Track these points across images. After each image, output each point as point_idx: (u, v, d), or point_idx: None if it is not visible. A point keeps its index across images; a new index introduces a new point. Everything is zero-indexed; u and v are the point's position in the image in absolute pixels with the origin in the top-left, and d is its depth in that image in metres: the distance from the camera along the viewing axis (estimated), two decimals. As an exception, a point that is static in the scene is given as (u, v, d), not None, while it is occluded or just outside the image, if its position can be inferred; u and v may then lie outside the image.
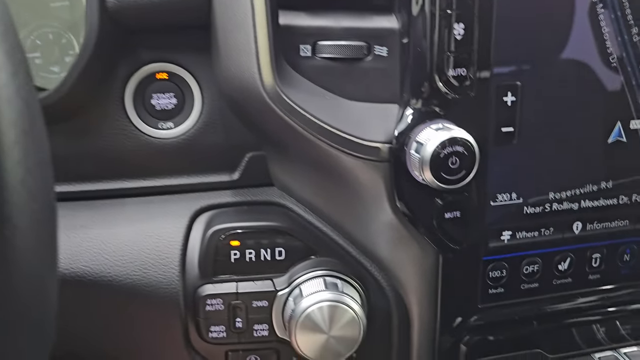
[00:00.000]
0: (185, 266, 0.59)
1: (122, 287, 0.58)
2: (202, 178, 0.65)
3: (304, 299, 0.56)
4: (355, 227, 0.60)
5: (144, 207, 0.63)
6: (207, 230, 0.60)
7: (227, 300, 0.59)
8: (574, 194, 0.59)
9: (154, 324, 0.59)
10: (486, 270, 0.59)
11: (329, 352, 0.57)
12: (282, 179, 0.64)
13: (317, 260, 0.60)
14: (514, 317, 0.61)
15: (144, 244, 0.59)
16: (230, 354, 0.61)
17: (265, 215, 0.62)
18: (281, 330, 0.60)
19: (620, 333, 0.66)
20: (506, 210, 0.58)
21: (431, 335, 0.61)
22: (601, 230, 0.62)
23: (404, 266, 0.59)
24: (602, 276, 0.63)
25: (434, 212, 0.56)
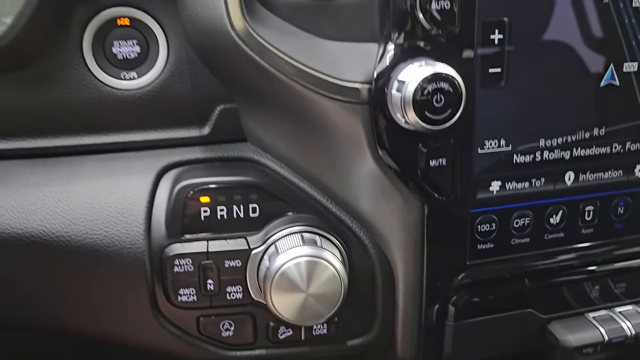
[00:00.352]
0: (151, 225, 0.55)
1: (82, 248, 0.53)
2: (170, 133, 0.60)
3: (280, 255, 0.52)
4: (334, 181, 0.56)
5: (105, 164, 0.58)
6: (175, 186, 0.55)
7: (197, 260, 0.54)
8: (565, 141, 0.56)
9: (118, 288, 0.55)
10: (474, 224, 0.56)
11: (308, 313, 0.53)
12: (255, 133, 0.60)
13: (294, 216, 0.56)
14: (504, 275, 0.58)
15: (105, 201, 0.55)
16: (201, 319, 0.56)
17: (238, 171, 0.57)
18: (256, 292, 0.56)
19: (615, 292, 0.63)
20: (495, 158, 0.54)
21: (417, 296, 0.57)
22: (594, 181, 0.58)
23: (387, 220, 0.55)
24: (595, 231, 0.60)
25: (418, 160, 0.52)
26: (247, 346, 0.58)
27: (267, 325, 0.57)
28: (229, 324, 0.57)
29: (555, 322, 0.61)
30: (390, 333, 0.59)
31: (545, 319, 0.61)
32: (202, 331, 0.57)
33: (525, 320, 0.60)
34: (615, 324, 0.61)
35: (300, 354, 0.59)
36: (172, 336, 0.57)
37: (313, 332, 0.58)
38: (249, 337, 0.57)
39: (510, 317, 0.59)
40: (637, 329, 0.61)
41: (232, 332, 0.57)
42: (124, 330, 0.57)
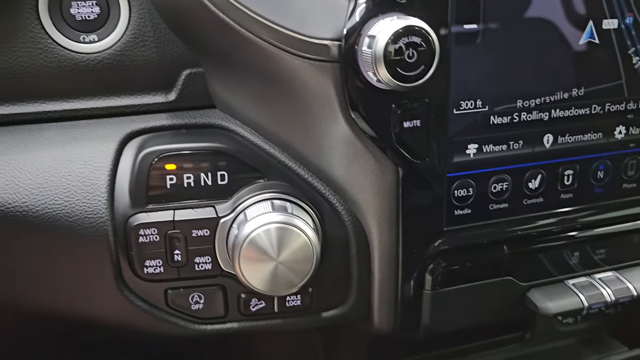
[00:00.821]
0: (114, 194, 0.52)
1: (40, 219, 0.51)
2: (134, 99, 0.57)
3: (249, 223, 0.50)
4: (305, 145, 0.54)
5: (66, 131, 0.55)
6: (139, 153, 0.53)
7: (163, 229, 0.52)
8: (543, 102, 0.54)
9: (80, 261, 0.52)
10: (451, 189, 0.54)
11: (279, 282, 0.51)
12: (223, 98, 0.57)
13: (264, 183, 0.54)
14: (483, 241, 0.56)
15: (65, 170, 0.52)
16: (169, 292, 0.54)
17: (206, 137, 0.55)
18: (226, 263, 0.53)
19: (595, 258, 0.62)
20: (471, 119, 0.52)
21: (393, 264, 0.55)
22: (573, 143, 0.57)
23: (360, 186, 0.53)
24: (574, 195, 0.59)
25: (392, 121, 0.50)
26: (218, 319, 0.56)
27: (238, 297, 0.55)
28: (198, 297, 0.55)
29: (535, 290, 0.60)
30: (366, 304, 0.57)
31: (525, 286, 0.59)
32: (171, 304, 0.54)
33: (504, 288, 0.59)
34: (595, 290, 0.60)
35: (274, 327, 0.57)
36: (139, 310, 0.54)
37: (286, 304, 0.56)
38: (219, 309, 0.55)
39: (489, 284, 0.58)
40: (617, 295, 0.60)
41: (202, 305, 0.55)
42: (89, 305, 0.55)
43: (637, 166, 0.60)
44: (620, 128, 0.58)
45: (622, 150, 0.59)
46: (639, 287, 0.61)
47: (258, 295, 0.55)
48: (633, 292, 0.60)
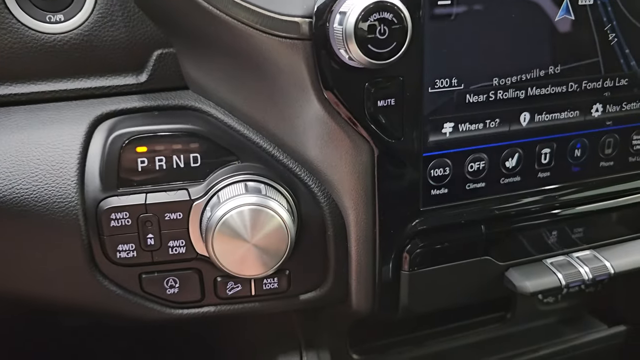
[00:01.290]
0: (84, 178, 0.51)
1: (9, 203, 0.49)
2: (103, 81, 0.56)
3: (222, 205, 0.49)
4: (280, 126, 0.53)
5: (34, 114, 0.54)
6: (109, 136, 0.52)
7: (135, 213, 0.51)
8: (520, 79, 0.54)
9: (51, 246, 0.51)
10: (427, 168, 0.53)
11: (253, 264, 0.50)
12: (196, 78, 0.56)
13: (238, 165, 0.53)
14: (460, 221, 0.56)
15: (34, 153, 0.51)
16: (144, 276, 0.53)
17: (178, 119, 0.54)
18: (201, 246, 0.53)
19: (572, 237, 0.62)
20: (446, 97, 0.52)
21: (370, 245, 0.55)
22: (550, 121, 0.56)
23: (336, 166, 0.52)
24: (551, 174, 0.58)
25: (366, 100, 0.49)
26: (194, 304, 0.55)
27: (214, 280, 0.54)
28: (173, 281, 0.54)
29: (513, 269, 0.59)
30: (344, 285, 0.57)
31: (503, 266, 0.59)
32: (145, 289, 0.54)
33: (483, 267, 0.59)
34: (572, 268, 0.60)
35: (251, 310, 0.57)
36: (113, 295, 0.53)
37: (263, 287, 0.55)
38: (195, 294, 0.55)
39: (467, 264, 0.58)
40: (594, 273, 0.60)
41: (177, 289, 0.54)
42: (62, 291, 0.54)
43: (614, 144, 0.60)
44: (597, 106, 0.58)
45: (599, 128, 0.59)
46: (616, 265, 0.61)
47: (234, 279, 0.54)
48: (610, 270, 0.61)
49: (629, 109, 0.59)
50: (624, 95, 0.59)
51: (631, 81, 0.58)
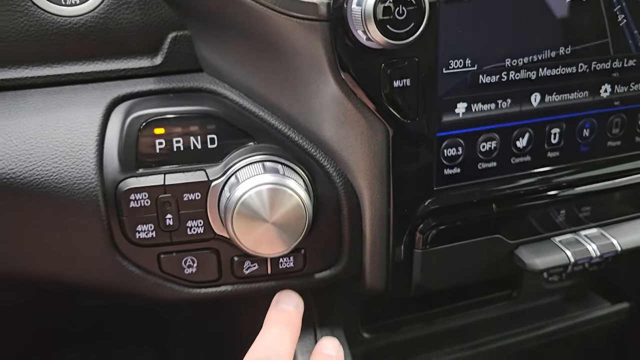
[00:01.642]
0: (103, 159, 0.52)
1: (29, 185, 0.50)
2: (119, 64, 0.56)
3: (240, 185, 0.50)
4: (295, 107, 0.54)
5: (51, 97, 0.54)
6: (127, 118, 0.52)
7: (154, 194, 0.52)
8: (531, 60, 0.54)
9: (71, 227, 0.52)
10: (441, 148, 0.54)
11: (273, 242, 0.51)
12: (211, 61, 0.56)
13: (255, 146, 0.54)
14: (472, 200, 0.57)
15: (52, 136, 0.51)
16: (162, 257, 0.54)
17: (194, 101, 0.54)
18: (219, 226, 0.53)
19: (580, 216, 0.63)
20: (460, 78, 0.53)
21: (384, 225, 0.56)
22: (560, 102, 0.57)
23: (351, 147, 0.53)
24: (561, 154, 0.59)
25: (382, 81, 0.50)
26: (211, 283, 0.56)
27: (231, 260, 0.55)
28: (191, 261, 0.55)
29: (522, 247, 0.61)
30: (358, 264, 0.58)
31: (513, 244, 0.61)
32: (164, 269, 0.55)
33: (493, 246, 0.60)
34: (580, 246, 0.61)
35: (267, 289, 0.58)
36: (132, 275, 0.54)
37: (279, 266, 0.56)
38: (213, 273, 0.55)
39: (478, 243, 0.59)
40: (601, 251, 0.61)
41: (195, 269, 0.55)
42: (82, 272, 0.55)
43: (622, 124, 0.61)
44: (606, 86, 0.59)
45: (608, 109, 0.60)
46: (622, 243, 0.62)
47: (251, 258, 0.55)
48: (617, 248, 0.62)
49: (636, 89, 0.60)
50: (632, 75, 0.60)
51: (639, 61, 0.59)
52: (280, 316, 0.54)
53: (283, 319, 0.54)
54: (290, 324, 0.53)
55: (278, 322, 0.53)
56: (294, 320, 0.54)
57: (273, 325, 0.53)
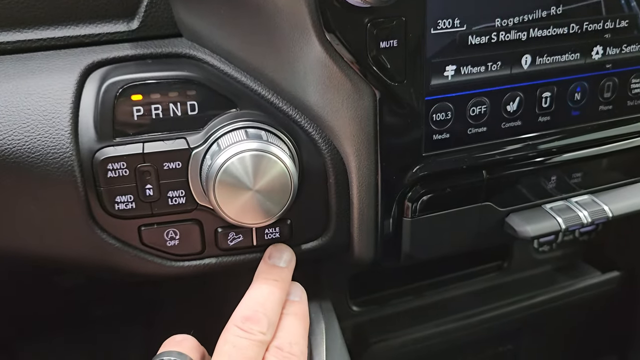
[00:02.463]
0: (78, 128, 0.49)
1: (0, 155, 0.48)
2: (93, 28, 0.54)
3: (222, 152, 0.48)
4: (279, 71, 0.52)
5: (22, 63, 0.51)
6: (102, 84, 0.50)
7: (133, 163, 0.49)
8: (522, 20, 0.53)
9: (46, 198, 0.49)
10: (429, 113, 0.53)
11: (257, 212, 0.49)
12: (190, 24, 0.54)
13: (237, 112, 0.52)
14: (462, 167, 0.56)
15: (24, 103, 0.49)
16: (143, 229, 0.52)
17: (173, 67, 0.52)
18: (201, 196, 0.52)
19: (571, 182, 0.62)
20: (449, 39, 0.51)
21: (372, 192, 0.54)
22: (551, 64, 0.56)
23: (337, 111, 0.51)
24: (552, 118, 0.58)
25: (368, 42, 0.48)
26: (195, 256, 0.54)
27: (215, 231, 0.53)
28: (173, 233, 0.53)
29: (513, 215, 0.60)
30: (346, 234, 0.57)
31: (503, 211, 0.59)
32: (145, 242, 0.53)
33: (484, 213, 0.59)
34: (571, 212, 0.60)
35: (253, 261, 0.56)
36: (112, 249, 0.52)
37: (265, 237, 0.55)
38: (196, 245, 0.54)
39: (469, 210, 0.58)
40: (593, 217, 0.60)
41: (178, 241, 0.53)
42: (58, 246, 0.53)
43: (613, 88, 0.60)
44: (598, 48, 0.58)
45: (599, 72, 0.59)
46: (614, 209, 0.62)
47: (235, 229, 0.54)
48: (608, 214, 0.61)
49: (628, 52, 0.59)
50: (624, 37, 0.58)
51: (631, 22, 0.58)
52: (270, 272, 0.53)
53: (273, 275, 0.52)
54: (280, 281, 0.52)
55: (268, 278, 0.52)
56: (284, 277, 0.53)
57: (263, 282, 0.52)
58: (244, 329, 0.47)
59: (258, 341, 0.47)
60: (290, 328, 0.50)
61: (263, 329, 0.48)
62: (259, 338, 0.47)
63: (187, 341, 0.50)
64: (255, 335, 0.47)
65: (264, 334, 0.48)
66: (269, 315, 0.49)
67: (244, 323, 0.48)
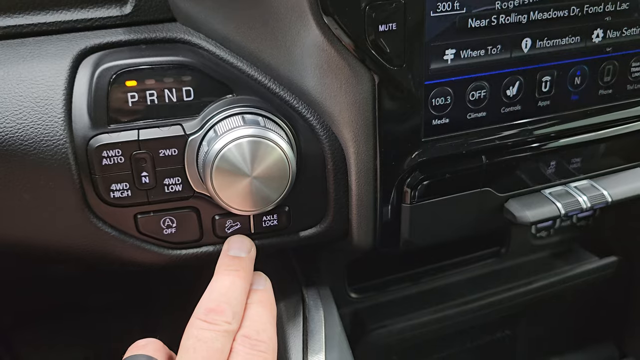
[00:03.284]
0: (71, 114, 0.48)
1: (-8, 143, 0.47)
2: (85, 13, 0.52)
3: (219, 138, 0.47)
4: (276, 56, 0.51)
5: (13, 49, 0.50)
6: (96, 70, 0.49)
7: (128, 150, 0.49)
8: (522, 3, 0.52)
9: (40, 187, 0.49)
10: (429, 97, 0.52)
11: (255, 198, 0.49)
12: (184, 9, 0.53)
13: (234, 98, 0.51)
14: (461, 152, 0.55)
15: (15, 90, 0.48)
16: (139, 217, 0.51)
17: (168, 52, 0.51)
18: (198, 183, 0.51)
19: (570, 167, 0.62)
20: (449, 22, 0.50)
21: (371, 178, 0.54)
22: (551, 47, 0.55)
23: (335, 97, 0.50)
24: (551, 102, 0.58)
25: (366, 25, 0.47)
26: (192, 243, 0.54)
27: (212, 219, 0.53)
28: (170, 221, 0.52)
29: (513, 200, 0.59)
30: (344, 221, 0.56)
31: (503, 197, 0.59)
32: (142, 230, 0.52)
33: (483, 199, 0.58)
34: (571, 197, 0.60)
35: (251, 249, 0.56)
36: (108, 237, 0.52)
37: (263, 224, 0.54)
38: (193, 233, 0.53)
39: (468, 196, 0.57)
40: (592, 202, 0.60)
41: (175, 229, 0.53)
42: (54, 235, 0.52)
43: (613, 72, 0.60)
44: (598, 31, 0.57)
45: (599, 55, 0.58)
46: (613, 194, 0.61)
47: (233, 217, 0.53)
48: (608, 199, 0.61)
49: (628, 35, 0.58)
50: (625, 20, 0.57)
51: (632, 5, 0.57)
52: (231, 263, 0.51)
53: (234, 266, 0.50)
54: (241, 271, 0.50)
55: (229, 269, 0.50)
56: (245, 266, 0.51)
57: (224, 273, 0.50)
58: (208, 321, 0.46)
59: (223, 331, 0.46)
60: (255, 316, 0.49)
61: (227, 318, 0.46)
62: (224, 328, 0.46)
63: (151, 344, 0.48)
64: (220, 326, 0.46)
65: (229, 324, 0.46)
66: (233, 305, 0.47)
67: (207, 315, 0.46)
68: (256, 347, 0.46)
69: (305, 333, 0.57)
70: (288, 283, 0.61)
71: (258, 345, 0.46)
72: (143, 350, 0.47)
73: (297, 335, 0.56)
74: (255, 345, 0.46)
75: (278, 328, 0.58)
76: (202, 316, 0.46)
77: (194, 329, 0.45)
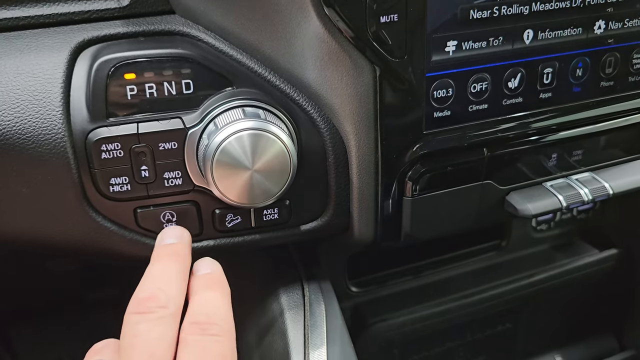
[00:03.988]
0: (69, 108, 0.48)
1: (-10, 137, 0.47)
2: (83, 5, 0.52)
3: (219, 131, 0.47)
4: (276, 48, 0.50)
5: (9, 42, 0.50)
6: (94, 63, 0.48)
7: (127, 144, 0.48)
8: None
9: (39, 181, 0.48)
10: (430, 90, 0.52)
11: (256, 192, 0.48)
12: (183, 0, 0.52)
13: (234, 91, 0.50)
14: (462, 144, 0.55)
15: (12, 83, 0.47)
16: (139, 211, 0.51)
17: (167, 44, 0.50)
18: (198, 177, 0.50)
19: (571, 160, 0.61)
20: (450, 13, 0.49)
21: (372, 172, 0.54)
22: (553, 39, 0.55)
23: (336, 89, 0.50)
24: (553, 94, 0.57)
25: (368, 16, 0.46)
26: (192, 238, 0.53)
27: (212, 213, 0.52)
28: (170, 215, 0.52)
29: (514, 193, 0.59)
30: (345, 214, 0.56)
31: (504, 189, 0.59)
32: (141, 224, 0.52)
33: (484, 192, 0.58)
34: (572, 190, 0.60)
35: (251, 243, 0.55)
36: (107, 232, 0.51)
37: (263, 218, 0.54)
38: (193, 227, 0.53)
39: (469, 189, 0.57)
40: (593, 194, 0.60)
41: (175, 224, 0.52)
42: (53, 230, 0.51)
43: (615, 63, 0.59)
44: (600, 23, 0.56)
45: (601, 47, 0.58)
46: (614, 186, 0.61)
47: (234, 210, 0.53)
48: (609, 191, 0.61)
49: (630, 26, 0.58)
50: (626, 11, 0.57)
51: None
52: (162, 251, 0.47)
53: (165, 252, 0.47)
54: (174, 256, 0.46)
55: (160, 256, 0.46)
56: (178, 251, 0.47)
57: (155, 261, 0.46)
58: (140, 311, 0.41)
59: (159, 317, 0.40)
60: (203, 301, 0.44)
61: (161, 302, 0.41)
62: (159, 314, 0.41)
63: (109, 346, 0.44)
64: (154, 313, 0.41)
65: (165, 307, 0.41)
66: (166, 289, 0.43)
67: (139, 306, 0.41)
68: (207, 332, 0.41)
69: (307, 327, 0.56)
70: (289, 277, 0.61)
71: (209, 329, 0.41)
72: (100, 354, 0.43)
73: (299, 329, 0.56)
74: (206, 330, 0.41)
75: (279, 323, 0.58)
76: (134, 309, 0.41)
77: (127, 325, 0.41)
